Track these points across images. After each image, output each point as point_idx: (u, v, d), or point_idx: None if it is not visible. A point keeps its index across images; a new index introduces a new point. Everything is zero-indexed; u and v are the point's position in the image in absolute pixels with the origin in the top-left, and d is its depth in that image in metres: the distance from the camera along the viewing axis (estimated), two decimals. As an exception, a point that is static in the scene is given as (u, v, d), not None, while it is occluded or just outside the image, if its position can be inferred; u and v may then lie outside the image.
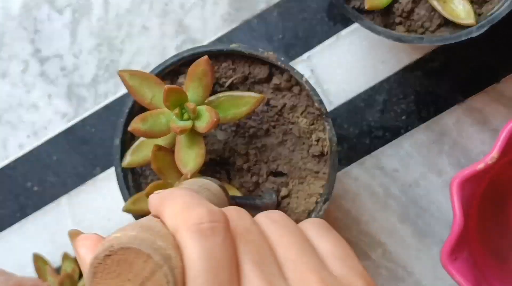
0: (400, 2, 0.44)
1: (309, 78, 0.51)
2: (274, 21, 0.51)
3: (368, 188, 0.51)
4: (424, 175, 0.51)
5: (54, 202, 0.54)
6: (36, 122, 0.54)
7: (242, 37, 0.52)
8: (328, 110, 0.42)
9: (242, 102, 0.40)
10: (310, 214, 0.43)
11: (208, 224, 0.22)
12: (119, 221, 0.53)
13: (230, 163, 0.43)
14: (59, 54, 0.53)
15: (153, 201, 0.25)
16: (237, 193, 0.41)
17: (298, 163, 0.43)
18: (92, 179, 0.53)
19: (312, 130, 0.42)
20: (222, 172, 0.43)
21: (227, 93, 0.41)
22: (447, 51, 0.50)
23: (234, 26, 0.52)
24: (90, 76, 0.53)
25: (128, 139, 0.43)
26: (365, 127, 0.51)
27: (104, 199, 0.53)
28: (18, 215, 0.54)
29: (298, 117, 0.42)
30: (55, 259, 0.53)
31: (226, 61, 0.43)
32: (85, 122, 0.53)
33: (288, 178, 0.43)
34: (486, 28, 0.42)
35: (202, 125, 0.38)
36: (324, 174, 0.42)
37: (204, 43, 0.52)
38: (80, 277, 0.52)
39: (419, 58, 0.50)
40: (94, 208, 0.53)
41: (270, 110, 0.43)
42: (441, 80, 0.50)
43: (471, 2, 0.43)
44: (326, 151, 0.42)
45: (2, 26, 0.54)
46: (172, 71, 0.43)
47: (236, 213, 0.25)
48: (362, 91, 0.51)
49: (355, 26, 0.51)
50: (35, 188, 0.54)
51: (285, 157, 0.43)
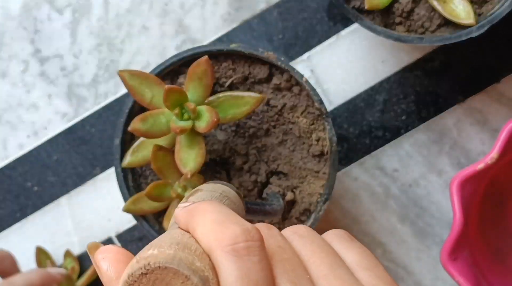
0: (400, 2, 0.44)
1: (309, 78, 0.51)
2: (274, 21, 0.51)
3: (368, 188, 0.51)
4: (424, 175, 0.51)
5: (54, 202, 0.54)
6: (36, 122, 0.54)
7: (242, 37, 0.52)
8: (328, 110, 0.42)
9: (242, 102, 0.40)
10: (310, 214, 0.43)
11: (243, 244, 0.22)
12: (119, 221, 0.53)
13: (230, 163, 0.43)
14: (59, 54, 0.53)
15: (181, 215, 0.24)
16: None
17: (298, 163, 0.43)
18: (92, 179, 0.53)
19: (312, 130, 0.42)
20: (222, 172, 0.43)
21: (227, 93, 0.41)
22: (447, 51, 0.50)
23: (234, 26, 0.52)
24: (90, 76, 0.53)
25: (128, 139, 0.43)
26: (365, 127, 0.51)
27: (104, 199, 0.53)
28: (18, 215, 0.54)
29: (298, 117, 0.42)
30: (55, 259, 0.53)
31: (226, 61, 0.43)
32: (85, 122, 0.53)
33: (288, 177, 0.43)
34: (486, 28, 0.42)
35: (202, 125, 0.38)
36: (324, 174, 0.42)
37: (204, 43, 0.52)
38: (79, 276, 0.52)
39: (419, 58, 0.50)
40: (94, 208, 0.53)
41: (270, 110, 0.43)
42: (441, 80, 0.50)
43: (471, 2, 0.43)
44: (326, 151, 0.42)
45: (2, 26, 0.54)
46: (172, 71, 0.43)
47: (267, 230, 0.25)
48: (362, 91, 0.51)
49: (355, 26, 0.51)
50: (35, 188, 0.54)
51: (285, 157, 0.43)
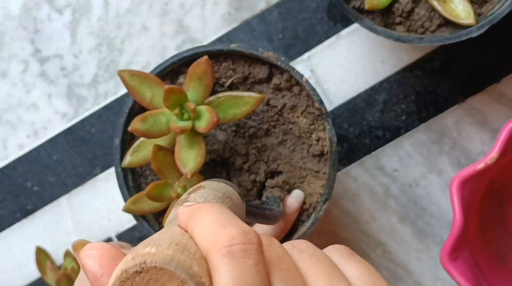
0: (400, 2, 0.44)
1: (309, 78, 0.51)
2: (274, 21, 0.51)
3: (368, 188, 0.51)
4: (424, 175, 0.51)
5: (54, 202, 0.54)
6: (36, 122, 0.54)
7: (242, 37, 0.52)
8: (328, 110, 0.42)
9: (242, 102, 0.40)
10: (310, 214, 0.43)
11: (239, 246, 0.21)
12: (119, 221, 0.53)
13: (230, 163, 0.43)
14: (59, 54, 0.53)
15: (182, 214, 0.24)
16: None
17: (298, 162, 0.43)
18: (92, 179, 0.53)
19: (312, 130, 0.42)
20: (222, 172, 0.43)
21: (227, 93, 0.41)
22: (447, 51, 0.50)
23: (234, 26, 0.52)
24: (90, 76, 0.53)
25: (128, 139, 0.43)
26: (365, 127, 0.51)
27: (104, 199, 0.53)
28: (18, 215, 0.54)
29: (298, 117, 0.42)
30: (55, 259, 0.53)
31: (226, 61, 0.43)
32: (85, 122, 0.53)
33: (288, 177, 0.43)
34: (486, 28, 0.42)
35: (202, 125, 0.38)
36: (324, 174, 0.42)
37: (204, 43, 0.52)
38: (80, 277, 0.52)
39: (419, 58, 0.50)
40: (94, 208, 0.53)
41: (270, 110, 0.43)
42: (441, 80, 0.50)
43: (471, 2, 0.43)
44: (326, 151, 0.42)
45: (2, 26, 0.54)
46: (172, 71, 0.43)
47: (268, 241, 0.24)
48: (362, 91, 0.51)
49: (355, 26, 0.51)
50: (35, 188, 0.54)
51: (285, 157, 0.43)
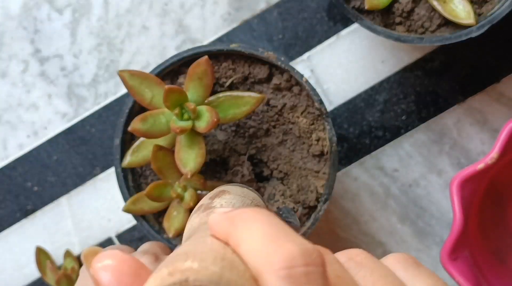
0: (400, 2, 0.44)
1: (309, 78, 0.51)
2: (274, 21, 0.51)
3: (368, 188, 0.51)
4: (424, 175, 0.51)
5: (54, 202, 0.53)
6: (36, 122, 0.54)
7: (242, 37, 0.52)
8: (328, 110, 0.42)
9: (242, 102, 0.40)
10: (310, 213, 0.43)
11: (302, 269, 0.18)
12: (119, 221, 0.53)
13: (230, 163, 0.43)
14: (59, 54, 0.53)
15: (220, 222, 0.20)
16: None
17: (298, 163, 0.43)
18: (92, 179, 0.53)
19: (312, 130, 0.42)
20: (222, 172, 0.43)
21: (227, 93, 0.41)
22: (447, 51, 0.50)
23: (234, 26, 0.52)
24: (90, 76, 0.53)
25: (128, 139, 0.43)
26: (365, 127, 0.51)
27: (104, 199, 0.53)
28: (18, 215, 0.54)
29: (298, 117, 0.42)
30: (55, 259, 0.53)
31: (226, 61, 0.43)
32: (85, 122, 0.53)
33: (288, 177, 0.43)
34: (486, 28, 0.42)
35: (202, 125, 0.38)
36: (324, 174, 0.42)
37: (204, 43, 0.52)
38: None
39: (419, 58, 0.50)
40: (94, 208, 0.53)
41: (270, 110, 0.43)
42: (441, 80, 0.50)
43: (471, 2, 0.43)
44: (326, 151, 0.42)
45: (2, 26, 0.54)
46: (172, 71, 0.43)
47: (324, 255, 0.20)
48: (362, 91, 0.51)
49: (355, 26, 0.51)
50: (35, 188, 0.54)
51: (285, 157, 0.43)
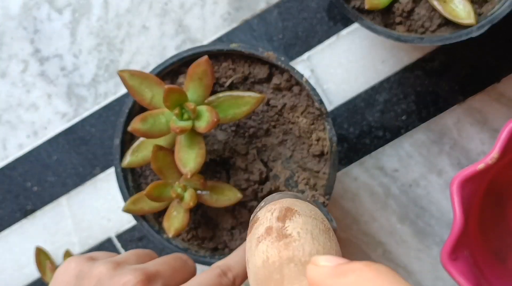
0: (400, 2, 0.44)
1: (309, 78, 0.51)
2: (274, 21, 0.51)
3: (368, 188, 0.51)
4: (424, 175, 0.51)
5: (54, 202, 0.53)
6: (36, 122, 0.54)
7: (242, 37, 0.52)
8: (328, 110, 0.42)
9: (242, 102, 0.40)
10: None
11: None
12: (119, 221, 0.53)
13: (230, 163, 0.43)
14: (59, 54, 0.53)
15: (326, 280, 0.18)
16: (237, 193, 0.41)
17: (299, 162, 0.43)
18: (92, 179, 0.53)
19: (312, 130, 0.42)
20: (222, 172, 0.43)
21: (227, 93, 0.41)
22: (448, 51, 0.50)
23: (234, 25, 0.52)
24: (90, 76, 0.53)
25: (128, 139, 0.43)
26: (365, 127, 0.51)
27: (104, 199, 0.53)
28: (18, 215, 0.54)
29: (298, 117, 0.42)
30: (55, 259, 0.53)
31: (226, 61, 0.43)
32: (85, 122, 0.53)
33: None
34: (486, 28, 0.42)
35: (202, 125, 0.38)
36: (324, 174, 0.42)
37: (204, 43, 0.52)
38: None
39: (419, 58, 0.50)
40: (94, 208, 0.53)
41: (270, 110, 0.43)
42: (441, 80, 0.50)
43: (471, 2, 0.43)
44: (326, 151, 0.42)
45: (2, 26, 0.54)
46: (172, 71, 0.43)
47: None
48: (362, 91, 0.51)
49: (355, 26, 0.51)
50: (35, 188, 0.54)
51: (285, 156, 0.43)
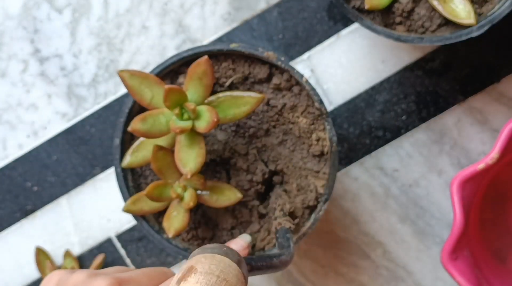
0: (400, 2, 0.44)
1: (309, 78, 0.51)
2: (274, 21, 0.51)
3: (368, 188, 0.51)
4: (424, 175, 0.51)
5: (54, 202, 0.53)
6: (35, 122, 0.54)
7: (242, 36, 0.52)
8: (328, 110, 0.42)
9: (242, 102, 0.40)
10: (310, 214, 0.43)
11: None
12: (119, 221, 0.53)
13: (230, 163, 0.43)
14: (59, 54, 0.53)
15: None
16: (237, 193, 0.41)
17: (298, 163, 0.43)
18: (91, 179, 0.53)
19: (312, 130, 0.42)
20: (222, 172, 0.43)
21: (227, 93, 0.41)
22: (448, 51, 0.50)
23: (234, 25, 0.52)
24: (90, 76, 0.53)
25: (128, 139, 0.43)
26: (365, 127, 0.51)
27: (104, 199, 0.53)
28: (18, 215, 0.54)
29: (298, 117, 0.42)
30: (55, 259, 0.53)
31: (226, 61, 0.43)
32: (84, 122, 0.53)
33: (287, 177, 0.43)
34: (486, 28, 0.42)
35: (202, 125, 0.38)
36: (324, 174, 0.42)
37: (204, 43, 0.52)
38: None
39: (420, 58, 0.50)
40: (94, 208, 0.53)
41: (270, 110, 0.43)
42: (441, 80, 0.50)
43: (472, 2, 0.43)
44: (326, 151, 0.42)
45: (2, 26, 0.54)
46: (172, 71, 0.43)
47: None
48: (362, 91, 0.51)
49: (355, 26, 0.51)
50: (35, 188, 0.54)
51: (285, 156, 0.43)
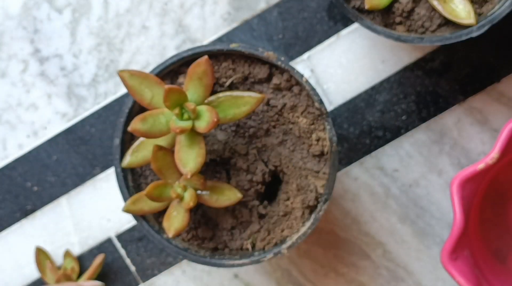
0: (400, 2, 0.44)
1: (309, 78, 0.51)
2: (274, 20, 0.51)
3: (368, 188, 0.51)
4: (424, 175, 0.51)
5: (54, 202, 0.53)
6: (35, 122, 0.54)
7: (242, 36, 0.52)
8: (328, 110, 0.42)
9: (242, 102, 0.40)
10: (310, 213, 0.43)
11: None
12: (119, 221, 0.53)
13: (230, 163, 0.43)
14: (59, 54, 0.53)
15: None
16: (236, 193, 0.41)
17: (298, 163, 0.43)
18: (91, 179, 0.53)
19: (312, 130, 0.42)
20: (222, 172, 0.43)
21: (227, 93, 0.41)
22: (448, 51, 0.50)
23: (234, 25, 0.52)
24: (90, 76, 0.53)
25: (128, 139, 0.43)
26: (365, 127, 0.51)
27: (104, 199, 0.53)
28: (18, 215, 0.54)
29: (298, 117, 0.42)
30: (55, 259, 0.53)
31: (226, 61, 0.43)
32: (84, 122, 0.53)
33: (287, 177, 0.43)
34: (486, 28, 0.42)
35: (202, 125, 0.38)
36: (324, 174, 0.42)
37: (204, 43, 0.52)
38: (79, 276, 0.52)
39: (420, 58, 0.50)
40: (94, 208, 0.53)
41: (270, 110, 0.43)
42: (441, 80, 0.50)
43: (472, 1, 0.43)
44: (326, 151, 0.42)
45: (2, 26, 0.54)
46: (172, 71, 0.43)
47: None
48: (362, 91, 0.51)
49: (355, 26, 0.51)
50: (35, 188, 0.54)
51: (285, 157, 0.43)
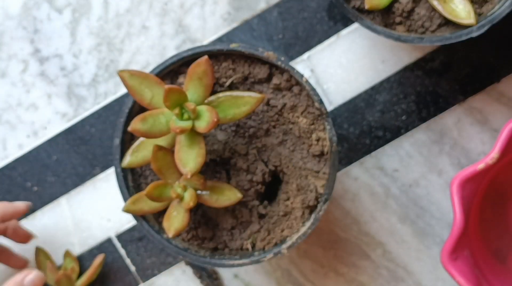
0: (400, 2, 0.44)
1: (309, 78, 0.51)
2: (274, 21, 0.51)
3: (368, 188, 0.51)
4: (424, 175, 0.51)
5: (54, 202, 0.53)
6: (35, 122, 0.54)
7: (242, 36, 0.52)
8: (328, 110, 0.42)
9: (242, 102, 0.40)
10: (310, 213, 0.43)
11: None
12: (119, 221, 0.53)
13: (230, 163, 0.43)
14: (59, 54, 0.53)
15: None
16: (236, 193, 0.41)
17: (298, 162, 0.43)
18: (91, 179, 0.53)
19: (312, 130, 0.42)
20: (222, 172, 0.43)
21: (227, 93, 0.41)
22: (448, 51, 0.50)
23: (234, 25, 0.52)
24: (90, 76, 0.53)
25: (128, 139, 0.43)
26: (365, 127, 0.51)
27: (104, 199, 0.53)
28: (18, 215, 0.54)
29: (298, 117, 0.42)
30: (55, 259, 0.53)
31: (226, 61, 0.43)
32: (84, 122, 0.53)
33: (287, 177, 0.43)
34: (486, 28, 0.42)
35: (202, 125, 0.38)
36: (324, 174, 0.42)
37: (204, 43, 0.52)
38: (79, 276, 0.52)
39: (420, 58, 0.50)
40: (94, 208, 0.53)
41: (270, 110, 0.43)
42: (441, 80, 0.50)
43: (472, 2, 0.43)
44: (326, 151, 0.42)
45: (2, 26, 0.54)
46: (172, 71, 0.43)
47: None
48: (362, 91, 0.51)
49: (355, 26, 0.51)
50: (35, 188, 0.54)
51: (285, 157, 0.43)
